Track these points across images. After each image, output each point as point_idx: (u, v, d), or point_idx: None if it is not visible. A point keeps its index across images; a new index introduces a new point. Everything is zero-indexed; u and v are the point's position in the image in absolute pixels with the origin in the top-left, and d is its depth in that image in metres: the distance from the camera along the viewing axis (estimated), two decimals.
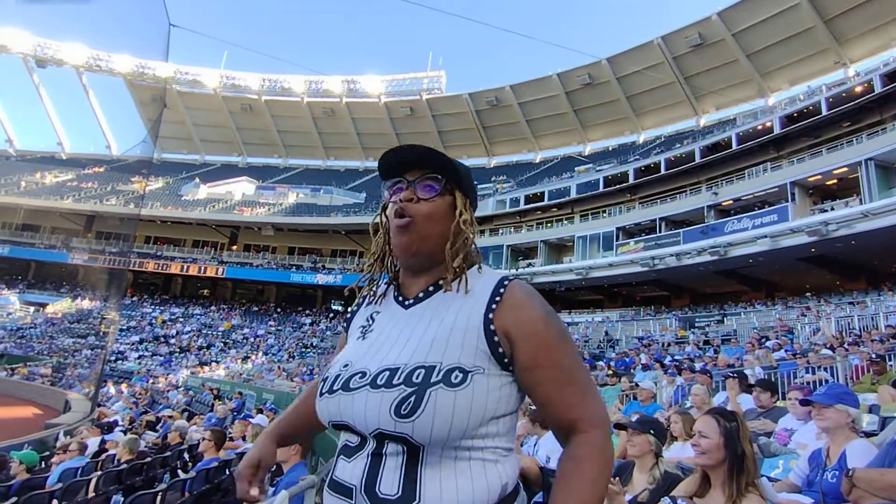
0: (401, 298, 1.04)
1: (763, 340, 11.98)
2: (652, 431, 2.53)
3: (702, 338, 16.93)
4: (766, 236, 19.39)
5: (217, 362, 26.58)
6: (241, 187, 42.22)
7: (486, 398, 0.88)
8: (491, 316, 0.92)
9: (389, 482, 0.86)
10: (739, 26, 30.73)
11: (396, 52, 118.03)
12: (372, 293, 1.09)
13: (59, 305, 34.35)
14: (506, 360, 0.91)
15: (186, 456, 7.21)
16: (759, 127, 24.65)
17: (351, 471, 0.89)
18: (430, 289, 1.01)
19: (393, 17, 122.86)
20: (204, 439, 6.48)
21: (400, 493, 0.84)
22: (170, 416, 12.10)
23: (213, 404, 15.03)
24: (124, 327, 30.92)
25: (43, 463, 6.33)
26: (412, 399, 0.85)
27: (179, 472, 6.32)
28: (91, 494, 4.63)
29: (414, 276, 1.04)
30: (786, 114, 24.06)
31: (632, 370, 11.51)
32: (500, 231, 31.19)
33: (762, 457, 3.00)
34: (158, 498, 4.05)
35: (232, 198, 39.87)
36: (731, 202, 22.62)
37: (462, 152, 45.19)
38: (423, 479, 0.85)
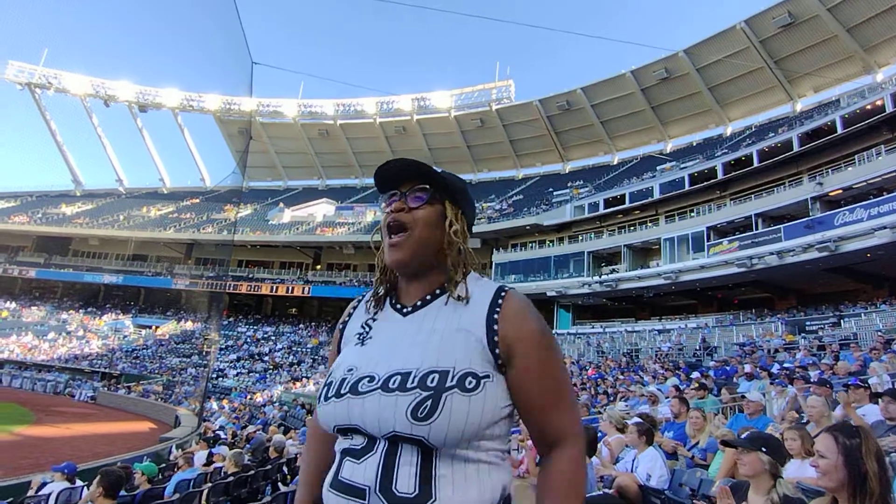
0: (399, 306, 1.08)
1: (890, 344, 10.72)
2: (764, 449, 2.31)
3: (815, 343, 15.32)
4: (885, 227, 17.32)
5: (307, 378, 27.56)
6: (322, 209, 44.00)
7: (495, 403, 0.94)
8: (495, 326, 0.97)
9: (405, 482, 0.88)
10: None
11: (464, 65, 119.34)
12: (368, 301, 1.13)
13: (166, 327, 37.21)
14: (502, 367, 0.97)
15: (286, 469, 7.50)
16: (868, 107, 22.15)
17: (363, 472, 0.91)
18: (428, 297, 1.06)
19: (458, 32, 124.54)
20: (300, 454, 6.62)
21: (417, 492, 0.87)
22: (255, 431, 12.61)
23: (305, 419, 15.52)
24: (223, 346, 32.92)
25: (161, 474, 6.68)
26: (429, 403, 0.89)
27: (280, 484, 6.66)
28: None
29: (410, 284, 1.09)
30: None
31: (734, 380, 10.59)
32: (580, 237, 30.20)
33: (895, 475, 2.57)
34: None
35: (314, 220, 41.59)
36: (839, 192, 20.43)
37: (536, 159, 44.62)
38: (437, 479, 0.89)
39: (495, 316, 0.98)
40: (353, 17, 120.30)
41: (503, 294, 1.01)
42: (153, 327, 37.52)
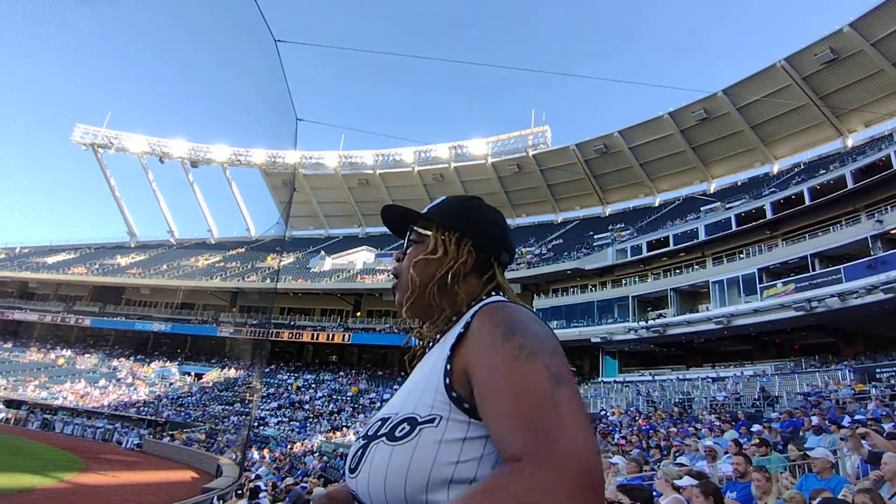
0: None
1: None
2: None
3: (887, 392, 14.15)
4: None
5: (347, 427, 27.23)
6: (362, 256, 44.67)
7: (438, 453, 0.73)
8: (450, 352, 0.82)
9: None
10: (879, 34, 27.54)
11: (500, 113, 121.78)
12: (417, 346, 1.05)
13: (210, 375, 37.79)
14: (466, 406, 0.76)
15: None
16: None
17: None
18: (438, 336, 0.96)
19: (494, 81, 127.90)
20: None
21: None
22: (293, 484, 12.37)
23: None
24: (264, 394, 33.07)
25: None
26: (359, 453, 0.82)
27: None
28: None
29: (430, 328, 0.99)
30: None
31: (801, 433, 9.77)
32: (623, 281, 29.45)
33: None
34: None
35: (354, 267, 42.17)
36: None
37: (575, 203, 44.38)
38: None
39: (457, 341, 0.83)
40: (391, 70, 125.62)
41: (476, 311, 0.85)
42: (199, 375, 38.16)
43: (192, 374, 38.55)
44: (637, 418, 17.79)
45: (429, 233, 0.99)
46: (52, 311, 45.95)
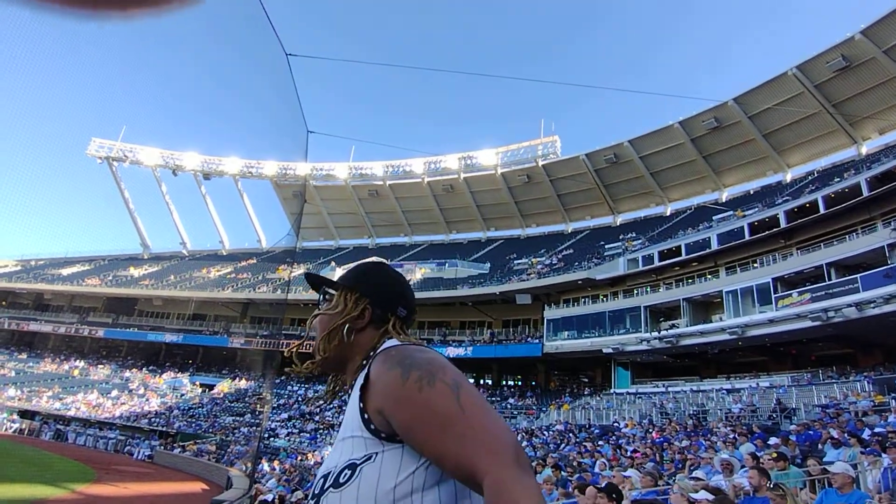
0: None
1: None
2: None
3: None
4: None
5: None
6: None
7: (378, 482, 0.85)
8: (361, 404, 0.94)
9: None
10: (891, 41, 27.31)
11: (509, 123, 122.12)
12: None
13: (221, 386, 37.86)
14: (395, 437, 0.89)
15: None
16: None
17: None
18: (350, 385, 1.09)
19: (503, 92, 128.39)
20: None
21: None
22: (302, 499, 12.27)
23: None
24: (275, 405, 33.05)
25: None
26: (321, 482, 0.91)
27: None
28: None
29: (342, 377, 1.18)
30: None
31: (819, 446, 9.55)
32: (635, 291, 29.17)
33: None
34: None
35: None
36: None
37: (585, 213, 44.23)
38: None
39: (361, 391, 0.96)
40: (400, 82, 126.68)
41: (367, 363, 1.01)
42: (210, 386, 38.25)
43: (198, 383, 38.63)
44: (650, 430, 17.51)
45: (334, 293, 1.17)
46: (67, 322, 46.43)
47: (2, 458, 18.80)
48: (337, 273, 43.68)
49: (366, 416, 0.93)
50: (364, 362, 1.05)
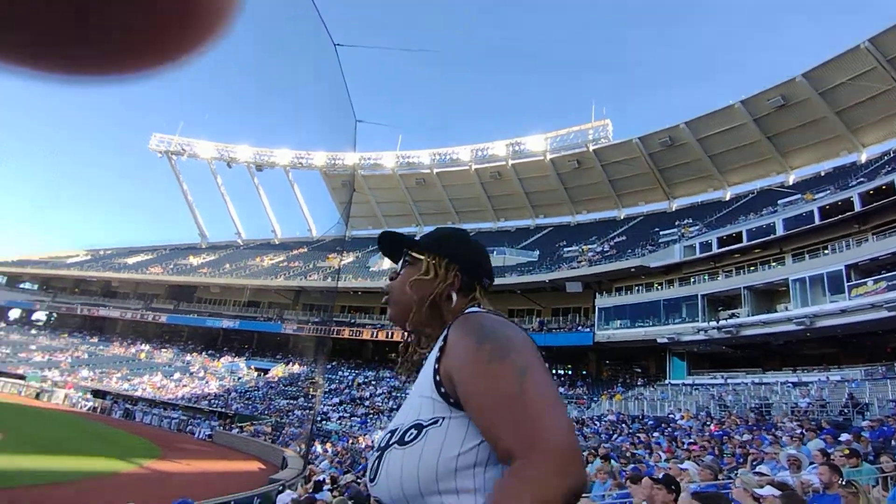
0: None
1: None
2: None
3: None
4: None
5: None
6: None
7: (442, 448, 0.85)
8: (437, 365, 0.93)
9: None
10: None
11: (558, 108, 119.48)
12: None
13: (276, 370, 39.19)
14: (459, 404, 0.89)
15: None
16: None
17: None
18: (429, 348, 1.07)
19: (552, 76, 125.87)
20: None
21: None
22: (352, 481, 12.48)
23: None
24: (326, 390, 33.92)
25: None
26: (376, 464, 0.91)
27: None
28: None
29: (423, 340, 1.14)
30: None
31: (893, 443, 8.86)
32: (692, 279, 28.00)
33: None
34: None
35: None
36: None
37: (638, 198, 42.82)
38: None
39: (439, 354, 0.94)
40: (448, 69, 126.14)
41: (451, 324, 0.98)
42: (265, 370, 39.67)
43: (253, 367, 40.09)
44: (708, 423, 16.88)
45: (422, 257, 1.13)
46: (133, 308, 49.23)
47: (78, 433, 20.12)
48: (386, 261, 44.21)
49: (437, 378, 0.92)
50: (444, 329, 1.02)
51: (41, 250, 61.86)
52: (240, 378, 38.43)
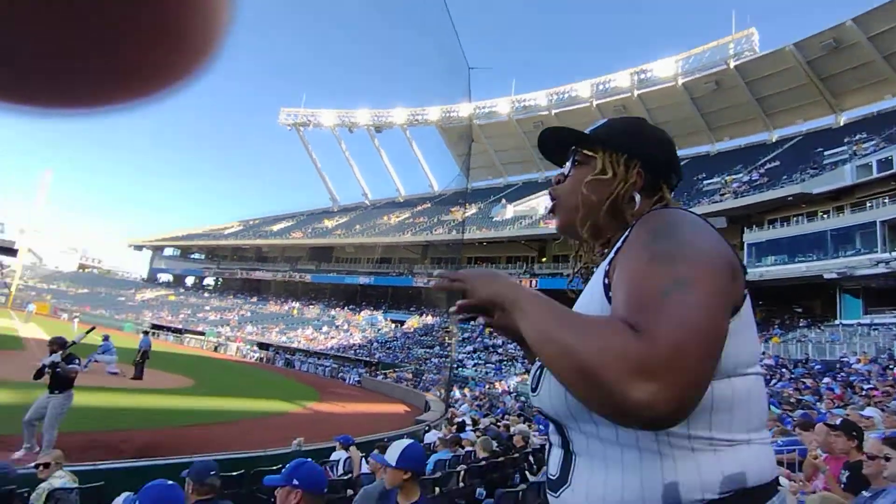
0: None
1: None
2: None
3: None
4: None
5: None
6: (543, 201, 43.67)
7: None
8: (608, 267, 0.80)
9: (554, 464, 0.85)
10: None
11: (690, 27, 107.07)
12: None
13: (411, 322, 41.15)
14: None
15: (532, 459, 7.40)
16: None
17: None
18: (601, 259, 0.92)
19: None
20: (544, 444, 6.36)
21: (558, 475, 0.83)
22: (490, 424, 12.64)
23: None
24: (460, 339, 34.94)
25: None
26: (539, 373, 0.85)
27: (527, 473, 6.57)
28: (461, 484, 5.28)
29: (598, 248, 1.00)
30: None
31: None
32: (867, 204, 23.93)
33: None
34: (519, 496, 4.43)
35: (536, 213, 41.58)
36: None
37: (795, 116, 37.33)
38: (575, 462, 0.80)
39: (614, 255, 0.80)
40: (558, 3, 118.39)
41: (633, 224, 0.82)
42: (401, 322, 41.89)
43: (390, 319, 42.41)
44: (891, 367, 14.88)
45: (596, 155, 0.96)
46: (282, 270, 54.53)
47: (251, 380, 22.83)
48: (509, 210, 43.73)
49: (606, 280, 0.79)
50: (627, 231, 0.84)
51: (203, 224, 70.54)
52: (379, 329, 40.98)
